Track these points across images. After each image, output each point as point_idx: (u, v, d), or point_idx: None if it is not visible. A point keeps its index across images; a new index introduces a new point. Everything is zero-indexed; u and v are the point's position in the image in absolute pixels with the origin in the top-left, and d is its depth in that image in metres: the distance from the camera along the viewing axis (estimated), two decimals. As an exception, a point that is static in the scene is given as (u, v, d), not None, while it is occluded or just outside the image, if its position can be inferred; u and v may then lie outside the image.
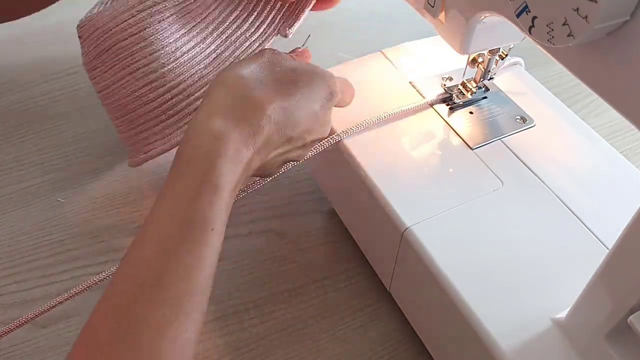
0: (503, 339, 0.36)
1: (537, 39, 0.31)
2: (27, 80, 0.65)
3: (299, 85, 0.39)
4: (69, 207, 0.53)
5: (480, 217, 0.42)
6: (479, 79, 0.49)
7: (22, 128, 0.60)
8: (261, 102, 0.37)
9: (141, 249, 0.33)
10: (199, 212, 0.33)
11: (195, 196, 0.34)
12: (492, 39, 0.43)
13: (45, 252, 0.50)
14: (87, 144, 0.59)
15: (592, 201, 0.43)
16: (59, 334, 0.45)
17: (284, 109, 0.38)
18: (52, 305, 0.41)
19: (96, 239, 0.51)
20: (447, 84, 0.51)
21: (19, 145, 0.59)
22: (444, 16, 0.41)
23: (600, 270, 0.33)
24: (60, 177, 0.56)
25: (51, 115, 0.61)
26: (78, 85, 0.65)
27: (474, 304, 0.37)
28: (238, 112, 0.36)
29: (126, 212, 0.53)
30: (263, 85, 0.38)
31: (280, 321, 0.47)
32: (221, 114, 0.36)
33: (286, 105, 0.38)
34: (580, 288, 0.35)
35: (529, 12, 0.30)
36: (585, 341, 0.35)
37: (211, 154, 0.35)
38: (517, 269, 0.39)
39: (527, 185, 0.44)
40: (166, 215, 0.34)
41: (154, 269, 0.32)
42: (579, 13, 0.27)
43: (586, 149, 0.48)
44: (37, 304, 0.47)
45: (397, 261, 0.43)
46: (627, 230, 0.31)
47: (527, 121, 0.49)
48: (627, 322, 0.31)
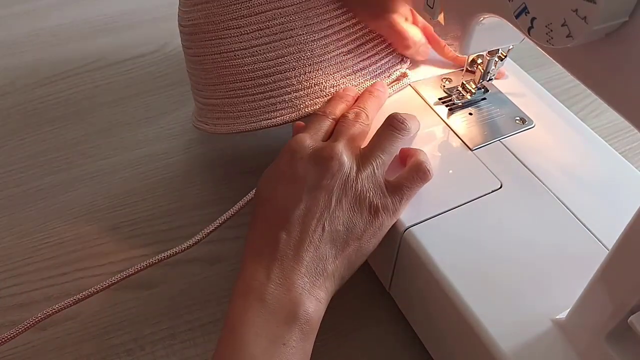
0: (503, 340, 0.36)
1: (536, 40, 0.31)
2: (26, 82, 0.65)
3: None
4: (68, 209, 0.53)
5: (479, 218, 0.42)
6: (478, 80, 0.49)
7: (22, 130, 0.60)
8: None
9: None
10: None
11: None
12: (491, 40, 0.43)
13: (45, 254, 0.50)
14: (87, 146, 0.59)
15: (592, 202, 0.43)
16: (58, 337, 0.45)
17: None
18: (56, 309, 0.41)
19: (96, 241, 0.51)
20: (447, 85, 0.51)
21: (19, 148, 0.59)
22: (443, 17, 0.41)
23: (600, 271, 0.33)
24: (60, 179, 0.56)
25: (51, 117, 0.61)
26: (78, 87, 0.65)
27: (473, 305, 0.37)
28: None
29: (126, 214, 0.53)
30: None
31: (281, 323, 0.47)
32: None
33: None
34: (580, 289, 0.35)
35: (528, 13, 0.30)
36: (585, 342, 0.35)
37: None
38: (516, 269, 0.39)
39: (526, 186, 0.44)
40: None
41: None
42: (577, 14, 0.27)
43: (586, 149, 0.48)
44: (37, 306, 0.47)
45: (397, 262, 0.43)
46: (626, 231, 0.31)
47: (527, 122, 0.49)
48: (628, 323, 0.31)
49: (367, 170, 0.41)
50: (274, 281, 0.37)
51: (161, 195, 0.55)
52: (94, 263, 0.50)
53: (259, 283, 0.37)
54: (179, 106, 0.63)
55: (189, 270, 0.49)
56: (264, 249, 0.38)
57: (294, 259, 0.38)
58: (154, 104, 0.63)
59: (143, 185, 0.56)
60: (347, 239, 0.39)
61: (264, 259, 0.38)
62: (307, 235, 0.38)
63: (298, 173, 0.40)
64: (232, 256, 0.51)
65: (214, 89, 0.49)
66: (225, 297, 0.48)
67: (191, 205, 0.54)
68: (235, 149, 0.57)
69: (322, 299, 0.38)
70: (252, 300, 0.36)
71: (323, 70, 0.47)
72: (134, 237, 0.52)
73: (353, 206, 0.40)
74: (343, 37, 0.48)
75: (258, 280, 0.37)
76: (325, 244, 0.39)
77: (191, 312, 0.47)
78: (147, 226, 0.52)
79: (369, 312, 0.48)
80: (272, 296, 0.36)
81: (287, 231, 0.38)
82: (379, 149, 0.42)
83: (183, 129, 0.61)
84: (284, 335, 0.36)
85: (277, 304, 0.36)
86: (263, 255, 0.38)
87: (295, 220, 0.39)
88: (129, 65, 0.67)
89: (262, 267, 0.38)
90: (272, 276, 0.37)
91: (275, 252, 0.38)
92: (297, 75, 0.46)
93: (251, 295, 0.37)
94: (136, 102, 0.63)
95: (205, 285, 0.49)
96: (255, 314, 0.36)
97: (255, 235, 0.40)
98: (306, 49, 0.46)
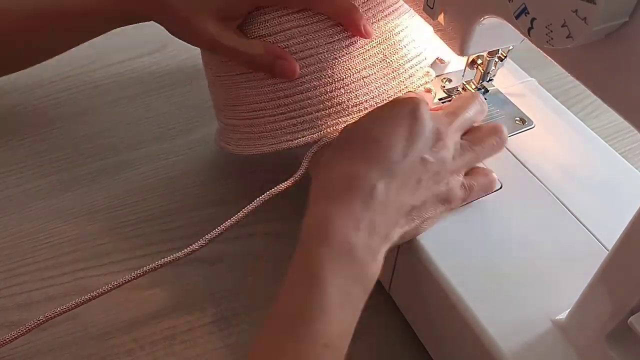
0: (503, 340, 0.36)
1: (536, 41, 0.31)
2: (27, 82, 0.65)
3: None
4: (68, 210, 0.53)
5: (479, 218, 0.42)
6: (478, 81, 0.49)
7: (23, 130, 0.60)
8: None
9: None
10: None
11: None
12: (491, 41, 0.43)
13: (45, 254, 0.50)
14: (87, 146, 0.59)
15: (592, 202, 0.43)
16: (59, 337, 0.45)
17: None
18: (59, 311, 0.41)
19: (96, 242, 0.51)
20: (447, 85, 0.51)
21: (19, 148, 0.59)
22: (443, 18, 0.41)
23: (600, 272, 0.33)
24: (60, 179, 0.56)
25: (51, 117, 0.61)
26: (78, 87, 0.65)
27: (473, 305, 0.37)
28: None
29: (126, 214, 0.53)
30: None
31: (280, 323, 0.47)
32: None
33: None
34: (580, 289, 0.35)
35: (528, 14, 0.30)
36: (585, 342, 0.35)
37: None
38: (517, 270, 0.39)
39: (526, 186, 0.44)
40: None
41: None
42: (577, 14, 0.27)
43: (585, 150, 0.48)
44: (37, 306, 0.47)
45: (397, 263, 0.43)
46: (626, 232, 0.31)
47: (527, 122, 0.49)
48: (628, 324, 0.31)
49: (458, 164, 0.41)
50: (361, 233, 0.35)
51: (161, 195, 0.55)
52: (94, 263, 0.50)
53: (347, 230, 0.35)
54: (179, 106, 0.63)
55: (189, 270, 0.49)
56: (358, 192, 0.36)
57: (380, 215, 0.36)
58: (154, 104, 0.63)
59: (143, 185, 0.56)
60: (417, 216, 0.39)
61: (355, 203, 0.36)
62: (400, 197, 0.37)
63: (420, 133, 0.39)
64: (232, 256, 0.51)
65: (234, 109, 0.49)
66: (225, 297, 0.48)
67: (191, 205, 0.54)
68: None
69: (381, 263, 0.37)
70: (338, 248, 0.34)
71: (345, 88, 0.45)
72: (134, 237, 0.52)
73: (434, 190, 0.40)
74: (366, 53, 0.46)
75: (347, 227, 0.35)
76: (405, 212, 0.38)
77: (191, 312, 0.47)
78: (147, 226, 0.52)
79: (369, 312, 0.48)
80: (357, 250, 0.35)
81: (384, 183, 0.37)
82: (477, 149, 0.42)
83: (183, 129, 0.61)
84: (353, 294, 0.34)
85: (357, 259, 0.35)
86: (354, 197, 0.36)
87: (397, 177, 0.37)
88: (129, 65, 0.67)
89: (351, 213, 0.36)
90: (361, 227, 0.35)
91: (369, 200, 0.36)
92: (319, 94, 0.45)
93: (337, 241, 0.35)
94: (136, 102, 0.63)
95: (205, 285, 0.49)
96: (339, 265, 0.34)
97: (350, 169, 0.38)
98: (327, 67, 0.45)
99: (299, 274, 0.35)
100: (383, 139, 0.38)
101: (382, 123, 0.39)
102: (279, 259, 0.51)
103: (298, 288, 0.34)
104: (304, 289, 0.34)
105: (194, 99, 0.63)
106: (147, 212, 0.53)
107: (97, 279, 0.49)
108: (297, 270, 0.35)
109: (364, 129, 0.40)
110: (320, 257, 0.34)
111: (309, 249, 0.35)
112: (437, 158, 0.39)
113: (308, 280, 0.34)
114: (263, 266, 0.50)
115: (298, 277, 0.35)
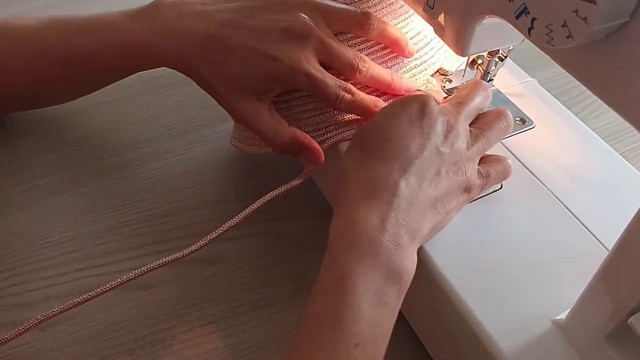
0: (503, 341, 0.36)
1: (536, 41, 0.31)
2: (27, 82, 0.65)
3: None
4: (68, 210, 0.53)
5: (479, 218, 0.42)
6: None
7: (23, 130, 0.60)
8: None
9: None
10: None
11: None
12: (491, 41, 0.43)
13: (45, 254, 0.50)
14: (88, 146, 0.59)
15: (592, 202, 0.43)
16: (59, 337, 0.45)
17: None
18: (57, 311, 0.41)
19: (96, 242, 0.51)
20: (447, 85, 0.51)
21: (20, 148, 0.59)
22: (443, 18, 0.41)
23: (601, 272, 0.33)
24: (60, 179, 0.56)
25: (51, 117, 0.61)
26: (78, 87, 0.65)
27: (474, 305, 0.37)
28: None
29: (126, 214, 0.53)
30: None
31: (281, 323, 0.47)
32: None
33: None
34: (581, 289, 0.35)
35: (528, 14, 0.30)
36: (585, 342, 0.35)
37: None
38: (517, 270, 0.39)
39: (526, 186, 0.44)
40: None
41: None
42: (578, 14, 0.27)
43: (586, 150, 0.48)
44: (37, 306, 0.47)
45: (397, 263, 0.43)
46: (626, 232, 0.31)
47: (527, 122, 0.49)
48: (628, 324, 0.31)
49: (472, 152, 0.41)
50: (388, 232, 0.36)
51: (161, 195, 0.55)
52: (94, 263, 0.50)
53: (373, 231, 0.35)
54: (179, 106, 0.63)
55: (189, 270, 0.49)
56: (382, 192, 0.37)
57: (406, 213, 0.37)
58: (154, 104, 0.63)
59: (143, 185, 0.56)
60: (441, 208, 0.39)
61: (379, 204, 0.36)
62: (423, 192, 0.38)
63: (431, 127, 0.40)
64: (232, 256, 0.51)
65: None
66: (225, 297, 0.48)
67: (191, 205, 0.54)
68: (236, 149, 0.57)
69: (415, 261, 0.37)
70: (365, 249, 0.35)
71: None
72: (134, 237, 0.52)
73: (455, 180, 0.40)
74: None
75: (372, 227, 0.36)
76: (429, 205, 0.38)
77: (191, 312, 0.47)
78: (147, 226, 0.52)
79: (369, 313, 0.48)
80: (385, 249, 0.35)
81: (406, 180, 0.37)
82: (488, 134, 0.42)
83: (183, 129, 0.61)
84: (387, 294, 0.34)
85: (387, 258, 0.35)
86: (377, 198, 0.37)
87: (416, 173, 0.38)
88: (129, 65, 0.67)
89: (376, 214, 0.36)
90: (388, 227, 0.36)
91: (393, 199, 0.37)
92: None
93: (363, 242, 0.35)
94: (136, 102, 0.63)
95: (205, 285, 0.49)
96: (368, 266, 0.34)
97: (369, 171, 0.38)
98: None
99: (328, 279, 0.35)
100: (397, 138, 0.39)
101: (394, 123, 0.40)
102: (279, 259, 0.51)
103: (328, 292, 0.35)
104: (333, 293, 0.34)
105: (194, 99, 0.63)
106: (147, 212, 0.53)
107: (97, 279, 0.49)
108: (326, 275, 0.35)
109: (377, 130, 0.40)
110: (349, 260, 0.35)
111: (337, 254, 0.36)
112: (452, 149, 0.40)
113: (338, 285, 0.34)
114: (263, 266, 0.50)
115: (328, 281, 0.35)
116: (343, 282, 0.34)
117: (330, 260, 0.36)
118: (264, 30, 0.44)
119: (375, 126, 0.41)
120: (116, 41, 0.47)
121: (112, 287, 0.42)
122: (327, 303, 0.34)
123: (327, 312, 0.34)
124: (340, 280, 0.34)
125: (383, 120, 0.41)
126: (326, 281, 0.35)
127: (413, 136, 0.39)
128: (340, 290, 0.34)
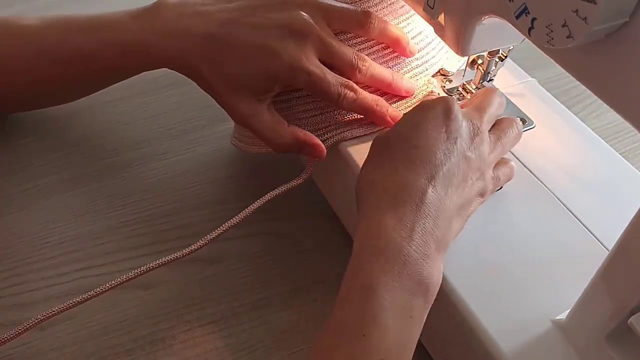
0: (503, 340, 0.36)
1: (536, 41, 0.31)
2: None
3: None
4: (68, 209, 0.53)
5: (480, 218, 0.42)
6: (478, 81, 0.49)
7: (23, 130, 0.60)
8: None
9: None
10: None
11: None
12: (491, 41, 0.43)
13: (45, 254, 0.50)
14: (88, 146, 0.59)
15: (592, 202, 0.43)
16: (58, 336, 0.45)
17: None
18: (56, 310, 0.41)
19: (96, 242, 0.51)
20: (447, 85, 0.51)
21: (20, 148, 0.59)
22: (443, 18, 0.41)
23: (601, 272, 0.33)
24: (60, 179, 0.56)
25: (52, 117, 0.61)
26: (78, 87, 0.65)
27: (474, 305, 0.37)
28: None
29: (126, 214, 0.53)
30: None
31: (281, 323, 0.47)
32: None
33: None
34: (581, 289, 0.35)
35: (528, 14, 0.30)
36: (585, 342, 0.35)
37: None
38: (517, 270, 0.39)
39: (526, 186, 0.44)
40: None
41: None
42: (578, 14, 0.27)
43: (586, 150, 0.48)
44: (37, 306, 0.47)
45: (397, 263, 0.43)
46: (627, 232, 0.31)
47: (527, 122, 0.49)
48: (628, 324, 0.31)
49: (492, 158, 0.41)
50: (415, 242, 0.35)
51: (161, 195, 0.55)
52: (94, 263, 0.50)
53: (400, 239, 0.34)
54: (179, 106, 0.63)
55: (189, 270, 0.49)
56: (409, 199, 0.36)
57: (433, 220, 0.36)
58: (154, 104, 0.63)
59: (143, 185, 0.56)
60: (464, 214, 0.39)
61: (406, 211, 0.36)
62: (449, 198, 0.37)
63: (457, 131, 0.39)
64: (232, 256, 0.51)
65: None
66: (225, 296, 0.48)
67: (191, 205, 0.54)
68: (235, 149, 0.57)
69: (442, 272, 0.36)
70: (392, 259, 0.34)
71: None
72: (134, 237, 0.52)
73: (477, 185, 0.40)
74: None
75: (400, 236, 0.35)
76: (456, 212, 0.38)
77: (191, 312, 0.47)
78: (147, 226, 0.52)
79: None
80: (413, 259, 0.34)
81: (433, 187, 0.37)
82: (503, 141, 0.42)
83: (183, 129, 0.61)
84: (412, 306, 0.34)
85: (414, 270, 0.34)
86: (404, 205, 0.36)
87: (443, 179, 0.37)
88: (129, 65, 0.67)
89: (403, 222, 0.35)
90: (415, 236, 0.35)
91: (420, 206, 0.36)
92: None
93: (390, 253, 0.34)
94: (136, 102, 0.63)
95: (205, 285, 0.49)
96: (395, 276, 0.33)
97: (394, 177, 0.37)
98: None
99: (353, 288, 0.34)
100: (423, 143, 0.38)
101: (418, 128, 0.39)
102: (279, 259, 0.51)
103: (353, 302, 0.34)
104: (358, 303, 0.33)
105: (194, 99, 0.63)
106: (147, 212, 0.53)
107: (97, 279, 0.49)
108: (351, 285, 0.34)
109: (401, 136, 0.39)
110: (375, 270, 0.34)
111: (363, 263, 0.35)
112: (477, 154, 0.39)
113: (363, 295, 0.33)
114: (263, 266, 0.50)
115: (353, 291, 0.34)
116: (369, 292, 0.33)
117: (356, 269, 0.35)
118: (264, 27, 0.44)
119: (398, 133, 0.40)
120: (116, 41, 0.47)
121: (111, 286, 0.42)
122: (352, 312, 0.33)
123: (352, 321, 0.33)
124: (367, 290, 0.33)
125: (407, 125, 0.40)
126: (352, 290, 0.34)
127: (440, 141, 0.38)
128: (365, 300, 0.33)
